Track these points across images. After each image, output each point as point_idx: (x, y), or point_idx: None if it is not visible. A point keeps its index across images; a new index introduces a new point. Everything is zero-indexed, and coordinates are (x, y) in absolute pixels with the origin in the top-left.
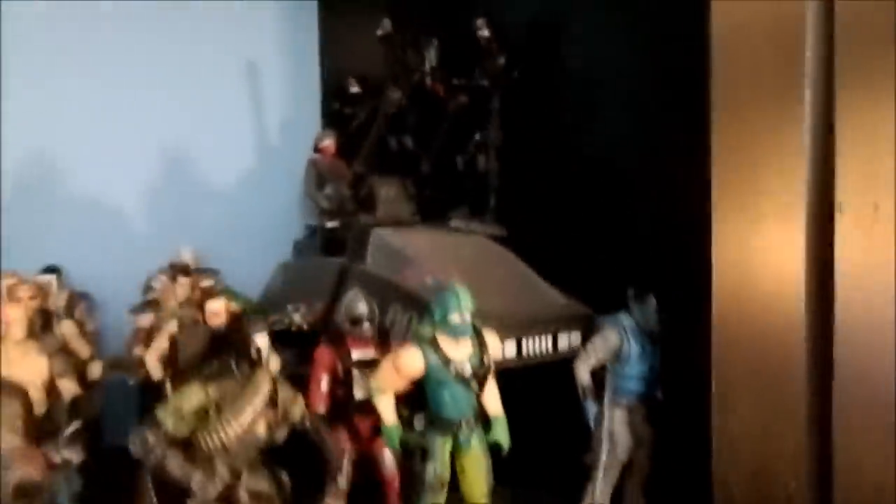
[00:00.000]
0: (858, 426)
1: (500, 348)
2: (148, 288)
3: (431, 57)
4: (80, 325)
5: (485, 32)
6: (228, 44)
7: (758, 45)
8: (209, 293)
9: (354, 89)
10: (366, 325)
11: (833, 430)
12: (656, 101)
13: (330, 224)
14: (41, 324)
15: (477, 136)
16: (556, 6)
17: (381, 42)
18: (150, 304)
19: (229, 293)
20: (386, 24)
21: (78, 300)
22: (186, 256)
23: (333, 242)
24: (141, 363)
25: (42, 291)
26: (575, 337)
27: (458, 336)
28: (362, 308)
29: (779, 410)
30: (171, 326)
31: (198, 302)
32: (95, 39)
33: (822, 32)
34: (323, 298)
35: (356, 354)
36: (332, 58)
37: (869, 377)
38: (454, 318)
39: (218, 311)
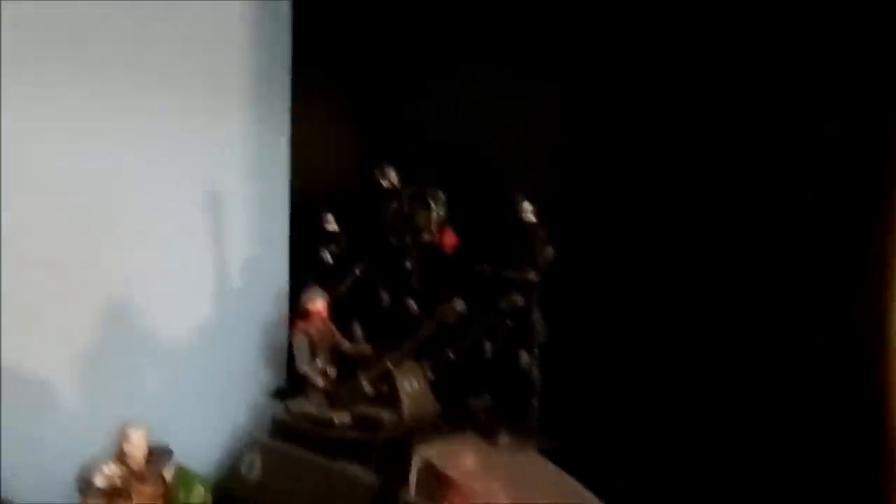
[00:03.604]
0: None
1: None
2: (85, 483)
3: (440, 212)
4: None
5: (531, 217)
6: (187, 174)
7: None
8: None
9: (331, 227)
10: None
11: None
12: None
13: (339, 419)
14: None
15: (508, 323)
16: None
17: (383, 195)
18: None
19: (185, 476)
20: (391, 175)
21: None
22: (136, 437)
23: (343, 443)
24: None
25: None
26: None
27: None
28: None
29: None
30: None
31: None
32: None
33: None
34: None
35: None
36: (302, 186)
37: None
38: None
39: None
